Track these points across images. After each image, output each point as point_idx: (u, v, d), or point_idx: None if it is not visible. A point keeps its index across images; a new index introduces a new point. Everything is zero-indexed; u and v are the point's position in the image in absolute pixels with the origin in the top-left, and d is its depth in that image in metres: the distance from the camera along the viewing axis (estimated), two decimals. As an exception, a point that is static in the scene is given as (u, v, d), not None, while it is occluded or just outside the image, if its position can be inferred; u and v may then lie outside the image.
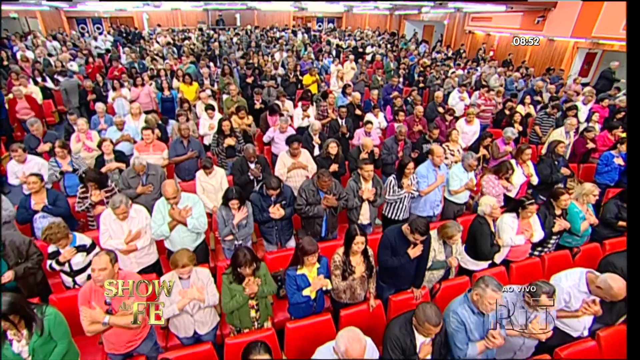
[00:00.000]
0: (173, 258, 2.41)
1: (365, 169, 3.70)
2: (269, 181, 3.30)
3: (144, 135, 4.48)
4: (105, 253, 2.36)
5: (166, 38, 12.31)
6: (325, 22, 19.60)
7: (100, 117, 5.80)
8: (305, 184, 3.57)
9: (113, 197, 2.93)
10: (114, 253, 2.43)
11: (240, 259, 2.49)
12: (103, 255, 2.33)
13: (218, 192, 4.13)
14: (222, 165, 4.90)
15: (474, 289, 2.37)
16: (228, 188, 3.23)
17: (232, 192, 3.16)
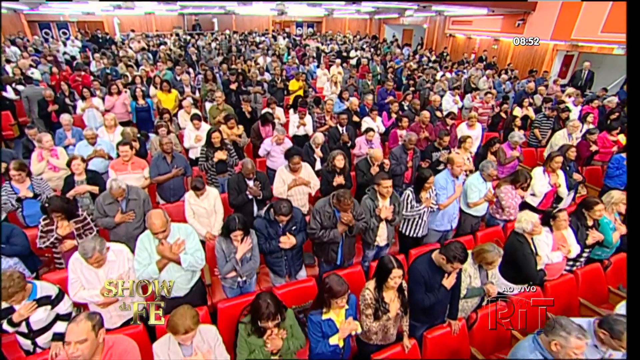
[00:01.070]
0: (172, 322, 1.82)
1: (384, 185, 3.23)
2: (278, 205, 2.75)
3: (121, 152, 3.81)
4: (85, 318, 1.75)
5: (140, 43, 11.44)
6: (304, 27, 19.17)
7: (67, 131, 5.03)
8: (319, 204, 3.04)
9: (83, 243, 2.26)
10: (98, 316, 1.81)
11: (262, 310, 1.95)
12: (82, 322, 1.72)
13: (211, 216, 3.54)
14: (212, 182, 4.29)
15: (550, 335, 1.92)
16: (229, 217, 2.65)
17: (234, 221, 2.59)
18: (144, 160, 4.09)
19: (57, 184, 4.30)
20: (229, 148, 4.27)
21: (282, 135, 4.46)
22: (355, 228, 3.07)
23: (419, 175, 3.45)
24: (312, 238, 3.05)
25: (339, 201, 2.90)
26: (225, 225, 2.65)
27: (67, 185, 3.70)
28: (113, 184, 2.98)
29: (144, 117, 6.48)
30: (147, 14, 14.46)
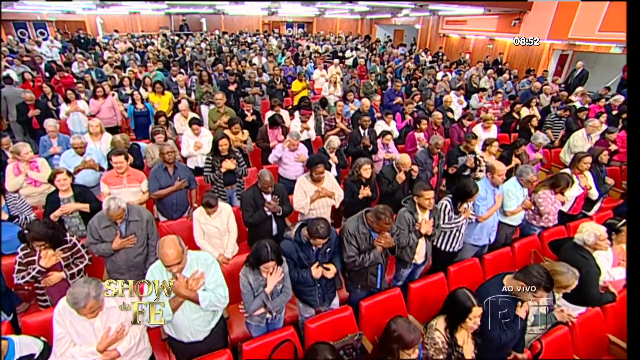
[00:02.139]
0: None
1: (426, 196, 2.81)
2: (314, 227, 2.27)
3: (115, 164, 3.25)
4: None
5: (126, 44, 10.71)
6: (295, 27, 18.68)
7: (52, 138, 4.41)
8: (351, 226, 2.58)
9: (73, 290, 1.71)
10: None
11: None
12: None
13: (224, 236, 3.04)
14: (220, 195, 3.77)
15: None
16: (259, 245, 2.16)
17: (265, 250, 2.11)
18: (141, 172, 3.53)
19: (38, 200, 3.72)
20: (237, 156, 3.77)
21: (296, 141, 3.99)
22: (397, 247, 2.63)
23: (463, 187, 3.03)
24: (352, 266, 2.59)
25: (378, 219, 2.45)
26: (254, 255, 2.16)
27: (50, 205, 3.11)
28: (111, 204, 2.44)
29: (144, 122, 5.88)
30: (132, 14, 13.67)
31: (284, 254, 2.44)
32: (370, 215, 2.50)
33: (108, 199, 2.46)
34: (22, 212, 3.09)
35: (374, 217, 2.47)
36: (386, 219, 2.41)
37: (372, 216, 2.48)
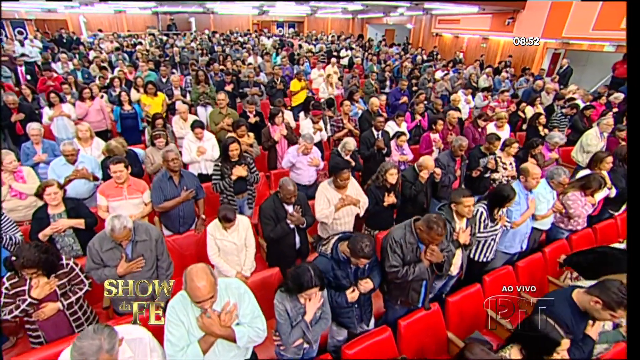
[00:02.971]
0: None
1: (465, 204, 2.56)
2: (359, 245, 1.97)
3: (115, 173, 2.86)
4: None
5: (113, 43, 10.13)
6: (285, 27, 18.30)
7: (36, 144, 3.96)
8: (398, 234, 2.30)
9: (81, 342, 1.35)
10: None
11: None
12: None
13: (241, 252, 2.71)
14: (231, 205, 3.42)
15: None
16: (301, 270, 1.83)
17: (308, 275, 1.80)
18: (143, 182, 3.15)
19: (24, 214, 3.29)
20: (248, 162, 3.43)
21: (310, 144, 3.67)
22: (446, 263, 2.36)
23: (499, 192, 2.80)
24: (393, 277, 2.30)
25: (430, 229, 2.17)
26: (295, 280, 1.83)
27: (37, 222, 2.71)
28: (115, 224, 2.07)
29: (131, 125, 5.45)
30: (117, 13, 13.02)
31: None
32: (421, 224, 2.22)
33: (112, 218, 2.09)
34: (7, 231, 2.67)
35: (425, 226, 2.18)
36: (439, 230, 2.13)
37: (423, 225, 2.20)
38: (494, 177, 4.11)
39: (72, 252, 2.81)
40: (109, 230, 2.08)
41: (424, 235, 2.23)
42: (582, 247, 3.65)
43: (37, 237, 2.66)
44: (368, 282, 2.16)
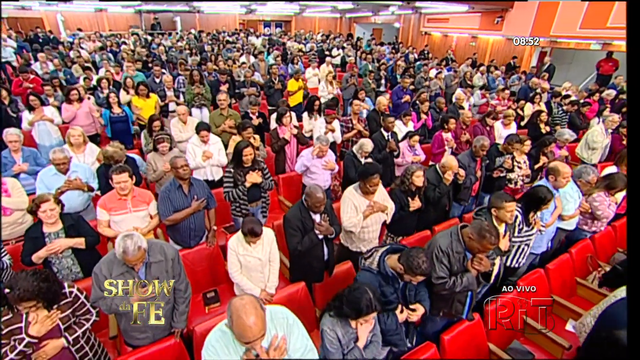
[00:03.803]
0: None
1: (508, 208, 2.38)
2: (415, 261, 1.75)
3: (118, 184, 2.52)
4: None
5: (95, 43, 9.53)
6: (272, 26, 17.91)
7: (14, 152, 3.53)
8: (444, 243, 2.09)
9: None
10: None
11: None
12: None
13: (265, 267, 2.43)
14: (243, 214, 3.13)
15: None
16: (358, 293, 1.59)
17: (367, 298, 1.56)
18: (148, 192, 2.81)
19: (9, 233, 2.90)
20: (262, 167, 3.14)
21: (326, 146, 3.42)
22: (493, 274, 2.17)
23: (536, 194, 2.63)
24: (440, 289, 2.09)
25: (482, 237, 1.96)
26: (352, 305, 1.58)
27: (31, 242, 2.34)
28: (128, 245, 1.75)
29: (122, 129, 5.05)
30: (98, 11, 12.31)
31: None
32: (471, 232, 2.01)
33: (123, 238, 1.77)
34: None
35: (477, 234, 1.98)
36: (492, 239, 1.93)
37: (474, 234, 1.99)
38: (509, 177, 3.99)
39: (70, 275, 2.46)
40: (121, 253, 1.76)
41: (474, 244, 2.03)
42: (606, 246, 3.57)
43: (30, 260, 2.31)
44: (419, 308, 1.94)
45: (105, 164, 3.27)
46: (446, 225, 3.50)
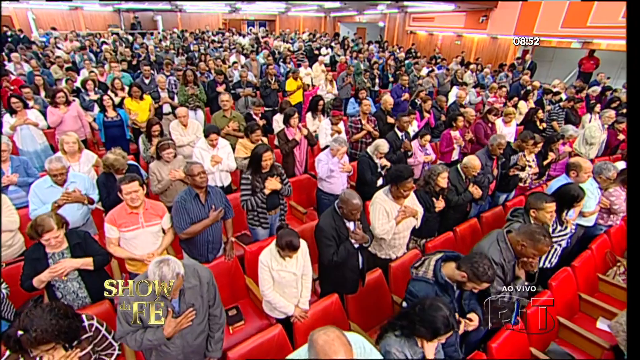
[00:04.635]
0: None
1: (548, 209, 2.29)
2: (482, 267, 1.64)
3: (128, 195, 2.23)
4: None
5: (73, 43, 8.92)
6: (256, 25, 17.51)
7: (3, 163, 3.14)
8: (495, 255, 1.96)
9: None
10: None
11: None
12: None
13: (299, 281, 2.23)
14: (262, 223, 2.91)
15: None
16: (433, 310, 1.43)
17: (442, 316, 1.42)
18: (160, 203, 2.54)
19: (5, 254, 2.55)
20: (280, 172, 2.93)
21: (344, 147, 3.25)
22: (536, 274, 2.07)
23: (568, 192, 2.56)
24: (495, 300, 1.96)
25: (535, 241, 1.86)
26: (427, 324, 1.42)
27: (31, 264, 2.04)
28: (165, 272, 1.50)
29: (116, 134, 4.69)
30: (73, 9, 11.55)
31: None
32: (521, 239, 1.90)
33: (157, 265, 1.51)
34: None
35: (529, 240, 1.86)
36: (547, 240, 1.83)
37: (526, 240, 1.88)
38: (520, 176, 3.95)
39: (76, 300, 2.17)
40: (157, 282, 1.51)
41: (527, 251, 1.92)
42: (621, 240, 3.59)
43: (30, 285, 2.01)
44: (474, 317, 1.80)
45: (106, 173, 2.97)
46: (467, 226, 3.42)
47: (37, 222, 1.96)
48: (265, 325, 2.55)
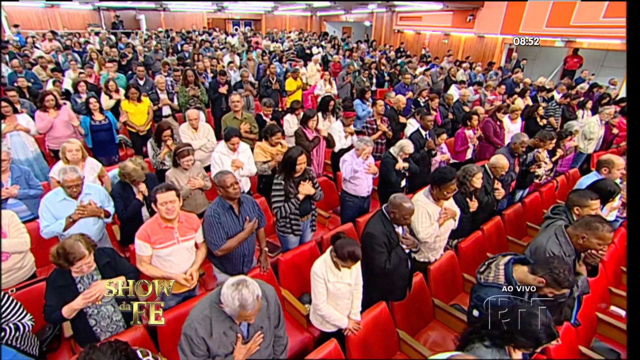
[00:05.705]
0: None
1: (593, 207, 2.25)
2: (562, 274, 1.57)
3: (164, 205, 2.01)
4: None
5: (52, 42, 8.33)
6: (242, 25, 17.10)
7: (2, 173, 2.83)
8: (554, 246, 1.90)
9: None
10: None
11: None
12: None
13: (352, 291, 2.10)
14: (293, 231, 2.75)
15: None
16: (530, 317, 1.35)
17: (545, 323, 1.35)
18: (194, 214, 2.33)
19: (6, 282, 2.28)
20: (312, 175, 2.78)
21: (371, 147, 3.13)
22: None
23: (603, 187, 2.56)
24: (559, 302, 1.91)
25: (595, 229, 1.83)
26: (530, 334, 1.33)
27: (58, 292, 1.80)
28: (246, 296, 1.29)
29: (104, 139, 4.36)
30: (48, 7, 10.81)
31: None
32: (580, 232, 1.86)
33: (236, 288, 1.32)
34: (7, 318, 1.72)
35: (587, 229, 1.84)
36: (606, 227, 1.80)
37: (587, 232, 1.84)
38: (538, 172, 3.97)
39: (111, 325, 1.94)
40: (237, 307, 1.33)
41: (591, 243, 1.89)
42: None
43: (59, 316, 1.78)
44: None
45: (122, 183, 2.72)
46: (492, 224, 3.40)
47: (66, 249, 1.72)
48: (307, 339, 2.41)
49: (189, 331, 1.41)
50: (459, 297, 2.92)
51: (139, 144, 4.96)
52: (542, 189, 4.18)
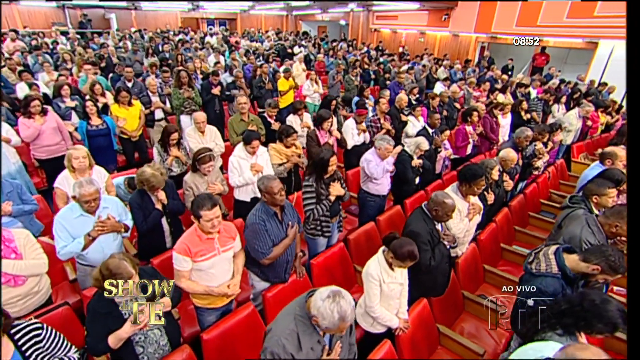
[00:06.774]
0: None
1: (610, 195, 2.38)
2: (619, 261, 1.64)
3: (209, 222, 1.87)
4: None
5: (15, 42, 7.61)
6: (216, 24, 16.56)
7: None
8: (589, 236, 2.00)
9: None
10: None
11: None
12: None
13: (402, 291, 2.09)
14: (323, 233, 2.68)
15: None
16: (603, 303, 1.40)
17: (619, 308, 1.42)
18: (231, 223, 2.20)
19: (20, 310, 2.05)
20: (339, 176, 2.73)
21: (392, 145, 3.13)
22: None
23: (613, 176, 2.71)
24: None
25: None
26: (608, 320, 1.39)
27: (102, 321, 1.63)
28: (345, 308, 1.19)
29: (102, 144, 4.05)
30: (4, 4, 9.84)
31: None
32: (609, 219, 1.97)
33: (332, 299, 1.23)
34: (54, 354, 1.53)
35: (620, 217, 1.97)
36: None
37: (616, 218, 1.99)
38: (537, 164, 4.16)
39: (158, 350, 1.79)
40: (337, 321, 1.24)
41: (624, 229, 2.00)
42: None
43: (106, 346, 1.61)
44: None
45: (140, 191, 2.53)
46: (502, 216, 3.52)
47: (112, 270, 1.56)
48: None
49: (276, 348, 1.32)
50: (482, 288, 3.00)
51: (131, 151, 4.67)
52: (538, 180, 4.40)
